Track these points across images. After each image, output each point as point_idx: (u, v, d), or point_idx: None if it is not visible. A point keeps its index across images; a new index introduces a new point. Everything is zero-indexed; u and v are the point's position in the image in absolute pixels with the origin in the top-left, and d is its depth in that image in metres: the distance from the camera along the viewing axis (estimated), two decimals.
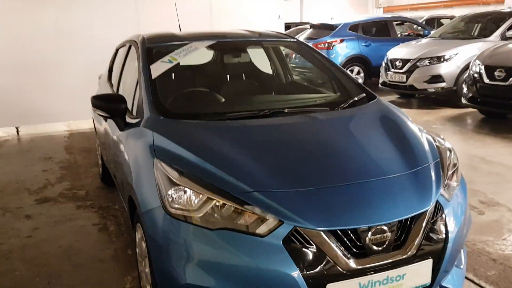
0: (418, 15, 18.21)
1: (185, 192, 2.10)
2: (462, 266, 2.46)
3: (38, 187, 4.80)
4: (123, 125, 2.94)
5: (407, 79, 8.55)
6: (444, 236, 2.18)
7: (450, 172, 2.47)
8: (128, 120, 2.95)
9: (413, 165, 2.33)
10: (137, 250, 2.66)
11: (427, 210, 2.13)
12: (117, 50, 4.54)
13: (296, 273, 1.90)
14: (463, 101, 7.25)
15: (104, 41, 7.17)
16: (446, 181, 2.38)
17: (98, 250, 3.41)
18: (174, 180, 2.13)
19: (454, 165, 2.55)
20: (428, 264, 2.12)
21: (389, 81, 9.03)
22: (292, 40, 3.77)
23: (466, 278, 2.88)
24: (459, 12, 17.78)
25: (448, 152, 2.58)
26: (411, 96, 9.57)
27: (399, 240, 2.08)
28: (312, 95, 3.42)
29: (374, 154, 2.41)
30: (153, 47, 3.29)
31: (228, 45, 3.77)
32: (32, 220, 3.97)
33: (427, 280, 2.14)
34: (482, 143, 6.08)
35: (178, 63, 3.18)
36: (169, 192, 2.12)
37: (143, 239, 2.41)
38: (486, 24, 9.06)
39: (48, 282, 2.97)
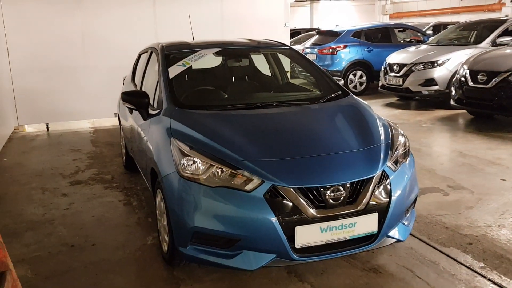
0: (426, 21, 18.79)
1: (193, 161, 2.85)
2: (407, 223, 3.16)
3: (70, 172, 5.61)
4: (146, 115, 3.72)
5: (403, 82, 9.23)
6: (388, 197, 2.89)
7: (401, 152, 3.19)
8: (150, 111, 3.73)
9: (367, 144, 3.06)
10: (157, 211, 3.41)
11: (373, 176, 2.86)
12: (139, 56, 5.32)
13: (273, 219, 2.64)
14: (451, 102, 7.90)
15: (124, 48, 8.02)
16: (395, 158, 3.09)
17: (124, 218, 4.18)
18: (186, 152, 2.90)
19: (405, 146, 3.27)
20: (374, 216, 2.84)
21: (388, 84, 9.71)
22: (286, 47, 4.54)
23: (420, 239, 3.57)
24: (466, 18, 18.36)
25: (400, 137, 3.30)
26: (409, 99, 10.22)
27: (351, 198, 2.80)
28: (299, 93, 4.19)
29: (339, 135, 3.16)
30: (171, 53, 4.07)
31: (232, 52, 4.56)
32: (67, 197, 4.76)
33: (374, 229, 2.86)
34: (464, 139, 6.73)
35: (191, 66, 3.95)
36: (182, 161, 2.88)
37: (162, 200, 3.17)
38: (481, 31, 9.67)
39: (85, 240, 3.74)
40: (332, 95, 3.79)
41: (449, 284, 2.97)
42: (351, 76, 11.35)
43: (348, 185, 2.78)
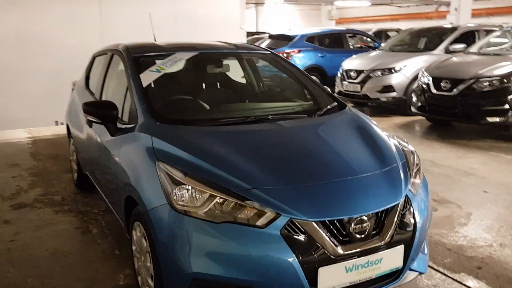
0: (367, 28, 19.07)
1: (189, 190, 2.33)
2: (426, 252, 2.82)
3: (11, 193, 4.84)
4: (114, 131, 3.13)
5: (361, 88, 9.07)
6: (412, 225, 2.53)
7: (414, 171, 2.84)
8: (119, 125, 3.14)
9: (384, 165, 2.67)
10: (134, 248, 2.85)
11: (398, 203, 2.48)
12: (93, 58, 4.67)
13: (292, 259, 2.18)
14: (413, 109, 7.80)
15: (67, 50, 7.28)
16: (411, 179, 2.73)
17: (85, 251, 3.54)
18: (179, 180, 2.37)
19: (417, 165, 2.93)
20: (400, 249, 2.45)
21: (345, 90, 9.52)
22: (267, 52, 4.08)
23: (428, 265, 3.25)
24: (405, 25, 18.79)
25: (412, 154, 2.95)
26: (364, 105, 10.12)
27: (376, 229, 2.40)
28: (289, 104, 3.74)
29: (352, 155, 2.74)
30: (140, 57, 3.49)
31: (210, 56, 4.02)
32: (11, 225, 4.04)
33: (400, 263, 2.48)
34: (431, 148, 6.60)
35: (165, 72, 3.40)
36: (174, 191, 2.35)
37: (143, 236, 2.61)
38: (431, 38, 9.75)
39: (41, 283, 3.09)
40: (329, 107, 3.38)
41: None
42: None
43: (373, 215, 2.38)
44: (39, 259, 3.42)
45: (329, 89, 3.78)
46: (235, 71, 4.30)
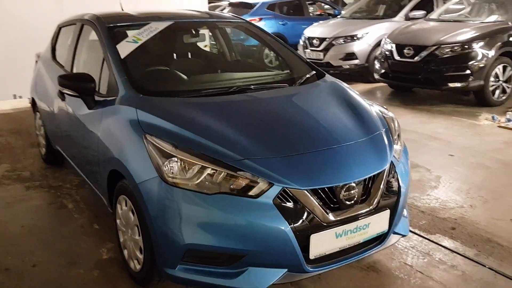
0: None
1: (180, 162, 2.31)
2: (406, 215, 2.92)
3: None
4: (92, 104, 3.03)
5: (324, 56, 9.11)
6: (397, 190, 2.61)
7: (396, 137, 2.91)
8: (97, 98, 3.05)
9: (368, 132, 2.72)
10: (118, 221, 2.81)
11: (384, 169, 2.54)
12: (59, 29, 4.46)
13: (286, 227, 2.21)
14: (376, 76, 7.94)
15: (24, 20, 6.93)
16: (394, 145, 2.80)
17: (63, 226, 3.48)
18: (169, 152, 2.34)
19: (397, 131, 3.00)
20: (386, 214, 2.54)
21: (308, 58, 9.49)
22: (242, 21, 4.03)
23: None
24: None
25: (393, 121, 3.02)
26: (327, 73, 10.17)
27: (364, 195, 2.47)
28: (268, 73, 3.72)
29: (337, 124, 2.77)
30: (114, 27, 3.36)
31: (185, 25, 3.92)
32: None
33: (385, 227, 2.56)
34: (395, 114, 6.50)
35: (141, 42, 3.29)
36: (165, 163, 2.32)
37: (130, 210, 2.58)
38: (390, 4, 9.84)
39: (22, 260, 3.02)
40: (308, 76, 3.38)
41: (456, 279, 2.80)
42: (266, 51, 11.02)
43: (360, 182, 2.44)
44: (16, 236, 3.34)
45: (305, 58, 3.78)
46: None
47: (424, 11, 8.86)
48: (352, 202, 2.40)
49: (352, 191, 2.39)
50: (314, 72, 3.46)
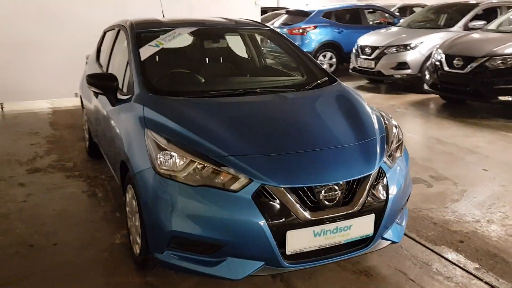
0: (391, 3, 18.66)
1: (171, 156, 2.52)
2: (402, 224, 2.95)
3: (28, 159, 5.13)
4: (114, 101, 3.33)
5: (375, 65, 9.05)
6: (385, 196, 2.65)
7: (395, 145, 2.95)
8: (120, 96, 3.34)
9: (361, 138, 2.79)
10: (127, 209, 3.07)
11: (370, 174, 2.60)
12: (104, 33, 4.87)
13: (262, 222, 2.35)
14: (425, 87, 7.78)
15: (86, 23, 7.46)
16: (390, 152, 2.85)
17: (89, 212, 3.80)
18: (162, 146, 2.55)
19: (399, 139, 3.03)
20: (370, 218, 2.59)
21: (359, 66, 9.52)
22: (266, 28, 4.20)
23: (409, 237, 3.38)
24: (432, 1, 18.34)
25: (394, 128, 3.06)
26: (379, 82, 10.08)
27: (347, 198, 2.54)
28: (281, 78, 3.87)
29: (330, 127, 2.87)
30: (141, 32, 3.66)
31: (208, 32, 4.17)
32: (25, 187, 4.33)
33: (370, 231, 2.62)
34: (439, 126, 6.62)
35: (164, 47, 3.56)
36: (158, 156, 2.54)
37: (134, 197, 2.83)
38: (452, 14, 9.58)
39: (46, 238, 3.36)
40: (319, 82, 3.49)
41: None
42: (320, 58, 11.11)
43: (343, 184, 2.52)
44: (47, 218, 3.69)
45: (332, 66, 3.87)
46: (237, 47, 4.44)
47: (486, 21, 8.56)
48: (334, 203, 2.48)
49: (334, 192, 2.48)
50: (326, 78, 3.55)
